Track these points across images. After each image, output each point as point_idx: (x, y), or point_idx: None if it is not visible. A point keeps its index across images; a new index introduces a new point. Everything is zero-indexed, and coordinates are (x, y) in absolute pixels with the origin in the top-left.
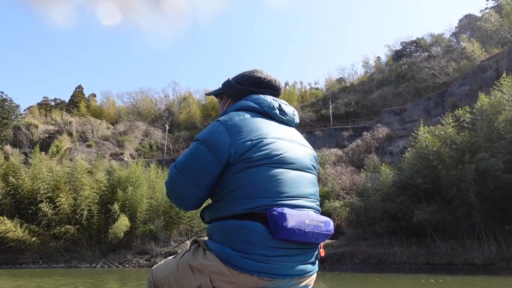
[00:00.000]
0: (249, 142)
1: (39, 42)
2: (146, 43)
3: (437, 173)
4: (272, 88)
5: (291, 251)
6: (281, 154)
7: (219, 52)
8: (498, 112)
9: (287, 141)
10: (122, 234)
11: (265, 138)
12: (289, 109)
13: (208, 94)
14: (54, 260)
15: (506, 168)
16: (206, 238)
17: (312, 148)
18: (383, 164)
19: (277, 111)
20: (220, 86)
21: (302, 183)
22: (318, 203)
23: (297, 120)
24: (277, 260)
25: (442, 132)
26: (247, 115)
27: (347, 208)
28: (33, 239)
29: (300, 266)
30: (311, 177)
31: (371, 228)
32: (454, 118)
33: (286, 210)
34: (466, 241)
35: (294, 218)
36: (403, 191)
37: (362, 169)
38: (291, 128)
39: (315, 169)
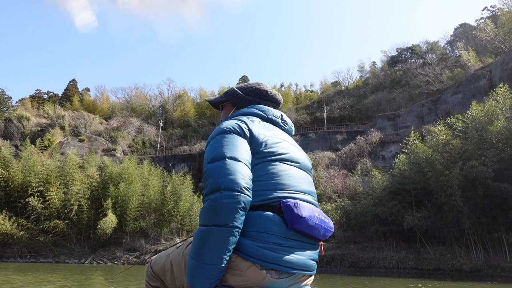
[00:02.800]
0: (262, 137)
1: (33, 33)
2: (146, 40)
3: (427, 180)
4: (275, 102)
5: (301, 244)
6: (288, 153)
7: (215, 52)
8: (490, 121)
9: (290, 144)
10: (110, 231)
11: (273, 137)
12: (288, 120)
13: (210, 101)
14: (42, 254)
15: (496, 176)
16: None
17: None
18: (373, 169)
19: (280, 120)
20: (223, 95)
21: (306, 181)
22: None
23: (293, 131)
24: (288, 251)
25: (434, 139)
26: (255, 118)
27: (339, 211)
28: (21, 233)
29: (307, 260)
30: (311, 178)
31: (362, 231)
32: (447, 126)
33: (300, 202)
34: (454, 247)
35: (307, 210)
36: (394, 196)
37: (351, 173)
38: (290, 136)
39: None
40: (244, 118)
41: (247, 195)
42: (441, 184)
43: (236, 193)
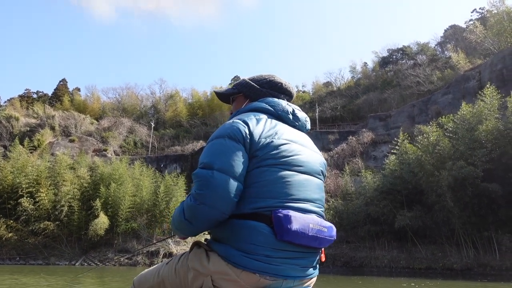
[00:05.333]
0: (264, 139)
1: (22, 31)
2: (138, 39)
3: (418, 180)
4: (288, 95)
5: (293, 254)
6: (291, 156)
7: (206, 52)
8: (480, 121)
9: (298, 144)
10: (103, 232)
11: (278, 139)
12: (302, 114)
13: (221, 93)
14: (32, 256)
15: (485, 176)
16: (203, 238)
17: (322, 155)
18: (362, 170)
19: (290, 116)
20: (234, 87)
21: (309, 187)
22: (323, 208)
23: (308, 126)
24: (279, 261)
25: (425, 139)
26: (263, 116)
27: (331, 211)
28: (10, 234)
29: (302, 269)
30: (319, 182)
31: (354, 231)
32: (438, 126)
33: (291, 213)
34: (445, 247)
35: (299, 221)
36: (385, 196)
37: (341, 173)
38: (303, 133)
39: (323, 175)
40: (251, 116)
41: (225, 214)
42: (431, 185)
43: (214, 211)
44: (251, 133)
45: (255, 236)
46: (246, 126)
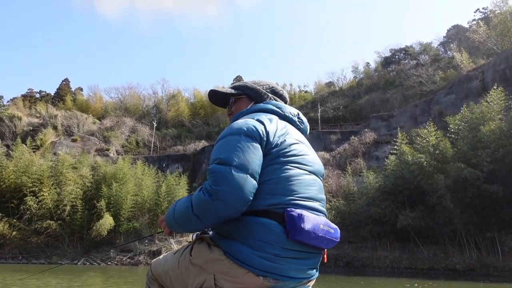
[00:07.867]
0: (277, 138)
1: (25, 31)
2: (138, 38)
3: (419, 180)
4: (285, 102)
5: (300, 254)
6: (301, 155)
7: (208, 51)
8: (484, 122)
9: (305, 145)
10: (106, 232)
11: (290, 138)
12: (305, 119)
13: (221, 91)
14: (34, 256)
15: (488, 177)
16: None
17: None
18: (364, 170)
19: (296, 118)
20: (237, 88)
21: (316, 187)
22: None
23: (308, 130)
24: (287, 261)
25: (424, 141)
26: (273, 116)
27: (333, 212)
28: (13, 233)
29: (306, 270)
30: (321, 183)
31: (356, 231)
32: (437, 127)
33: (304, 212)
34: (448, 247)
35: (311, 221)
36: (387, 196)
37: (343, 173)
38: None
39: (323, 178)
40: (263, 116)
41: (239, 211)
42: (432, 186)
43: (228, 208)
44: (267, 132)
45: (265, 234)
46: (262, 125)
